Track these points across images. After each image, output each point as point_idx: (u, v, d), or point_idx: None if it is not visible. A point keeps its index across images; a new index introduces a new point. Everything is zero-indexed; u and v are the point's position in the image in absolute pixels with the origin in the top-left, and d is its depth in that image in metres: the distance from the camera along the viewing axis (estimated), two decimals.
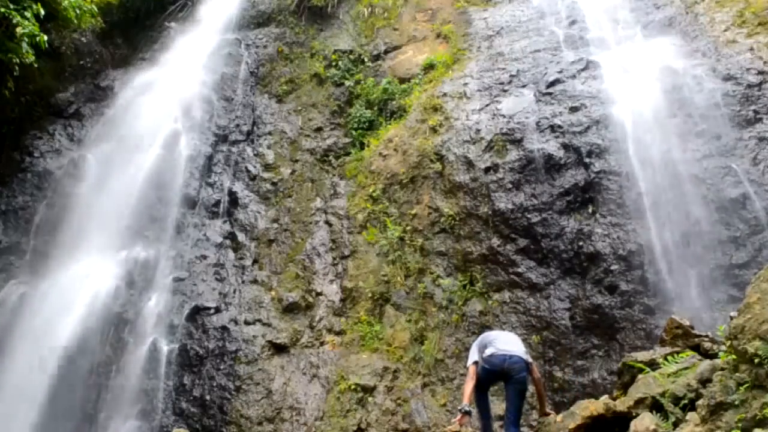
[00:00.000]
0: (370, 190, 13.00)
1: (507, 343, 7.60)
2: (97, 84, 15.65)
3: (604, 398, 6.90)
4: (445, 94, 13.28)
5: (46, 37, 12.05)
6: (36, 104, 14.50)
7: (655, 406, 5.91)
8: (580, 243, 10.24)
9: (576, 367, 9.57)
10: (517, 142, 11.55)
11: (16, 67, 11.95)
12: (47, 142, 14.23)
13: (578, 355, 9.63)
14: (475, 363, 7.55)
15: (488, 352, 7.48)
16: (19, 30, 11.42)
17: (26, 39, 11.62)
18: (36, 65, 12.41)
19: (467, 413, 7.25)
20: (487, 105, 12.59)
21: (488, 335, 7.94)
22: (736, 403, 4.74)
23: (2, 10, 11.17)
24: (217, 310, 11.65)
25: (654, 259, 9.71)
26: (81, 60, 15.74)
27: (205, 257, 12.50)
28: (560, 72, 12.52)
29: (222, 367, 10.93)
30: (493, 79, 13.19)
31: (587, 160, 10.86)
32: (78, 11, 13.47)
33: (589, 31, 13.94)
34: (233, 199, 13.44)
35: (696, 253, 9.61)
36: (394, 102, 14.53)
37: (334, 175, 14.05)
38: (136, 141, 13.85)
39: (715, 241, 9.59)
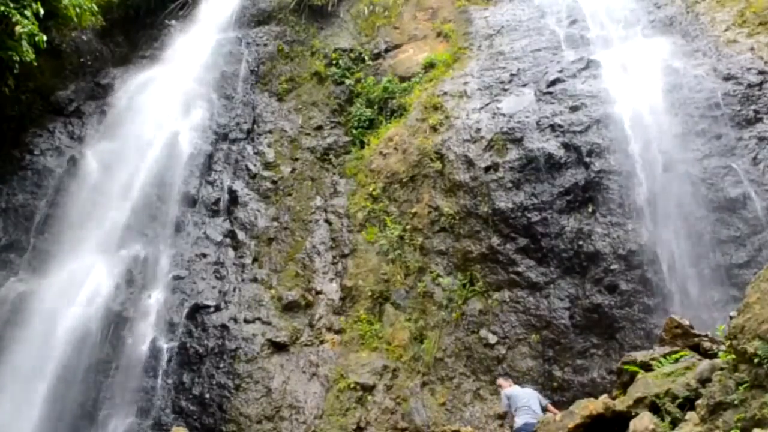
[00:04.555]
0: (370, 189, 12.99)
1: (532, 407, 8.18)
2: (97, 82, 15.63)
3: (604, 397, 6.90)
4: (445, 93, 13.27)
5: (45, 37, 12.05)
6: (36, 102, 14.49)
7: (655, 406, 5.91)
8: (580, 242, 10.23)
9: (575, 366, 9.57)
10: (518, 141, 11.55)
11: (16, 65, 11.93)
12: (47, 139, 14.21)
13: (578, 354, 9.63)
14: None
15: (519, 421, 8.02)
16: (18, 29, 11.41)
17: (26, 37, 11.61)
18: (36, 63, 12.39)
19: None
20: (487, 104, 12.58)
21: (516, 397, 8.41)
22: (736, 402, 4.74)
23: (2, 8, 11.16)
24: (217, 308, 11.65)
25: (654, 259, 9.70)
26: (81, 58, 15.73)
27: (204, 255, 12.49)
28: (561, 71, 12.50)
29: (221, 365, 10.93)
30: (494, 78, 13.18)
31: (587, 159, 10.85)
32: (78, 10, 13.47)
33: (589, 30, 13.92)
34: (233, 198, 13.43)
35: (696, 252, 9.60)
36: (394, 101, 14.52)
37: (334, 173, 14.04)
38: (136, 139, 13.85)
39: (715, 240, 9.58)
